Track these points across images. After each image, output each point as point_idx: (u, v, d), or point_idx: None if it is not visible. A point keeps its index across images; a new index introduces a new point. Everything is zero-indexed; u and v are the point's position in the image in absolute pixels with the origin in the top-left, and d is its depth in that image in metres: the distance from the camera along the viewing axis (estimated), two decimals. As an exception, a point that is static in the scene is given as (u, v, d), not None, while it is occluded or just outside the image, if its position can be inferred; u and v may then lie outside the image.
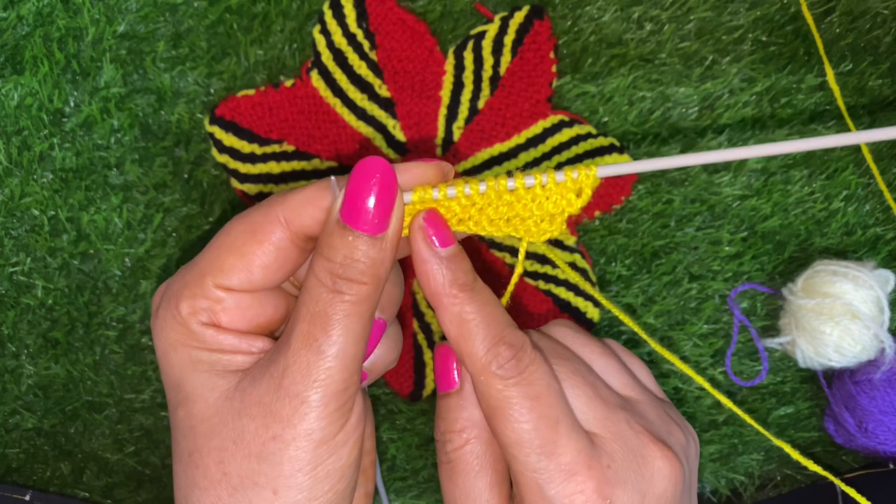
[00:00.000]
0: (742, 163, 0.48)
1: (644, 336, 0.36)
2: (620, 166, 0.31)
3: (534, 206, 0.31)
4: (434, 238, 0.31)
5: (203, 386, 0.31)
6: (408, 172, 0.31)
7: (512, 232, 0.32)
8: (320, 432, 0.29)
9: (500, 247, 0.48)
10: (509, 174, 0.31)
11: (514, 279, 0.34)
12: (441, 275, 0.31)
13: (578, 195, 0.31)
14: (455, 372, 0.33)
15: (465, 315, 0.31)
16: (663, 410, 0.35)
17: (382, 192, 0.29)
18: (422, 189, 0.31)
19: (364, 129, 0.48)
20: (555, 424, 0.30)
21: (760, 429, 0.37)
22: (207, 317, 0.31)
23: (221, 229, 0.32)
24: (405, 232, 0.32)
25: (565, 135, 0.47)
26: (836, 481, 0.37)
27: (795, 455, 0.35)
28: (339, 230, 0.29)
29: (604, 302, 0.36)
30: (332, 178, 0.31)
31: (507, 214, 0.32)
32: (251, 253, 0.31)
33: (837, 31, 0.48)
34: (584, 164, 0.31)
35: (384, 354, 0.35)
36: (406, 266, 0.48)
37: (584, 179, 0.31)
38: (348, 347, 0.29)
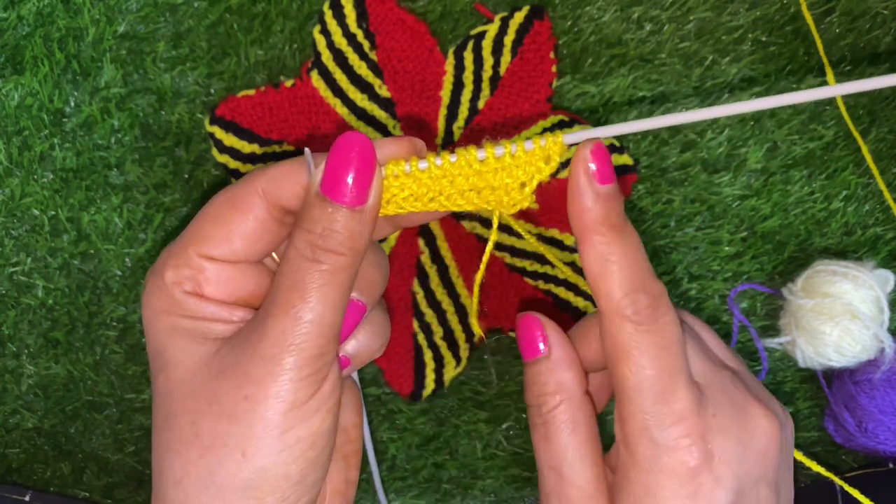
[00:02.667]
0: (742, 163, 0.48)
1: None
2: (586, 132, 0.33)
3: (504, 174, 0.32)
4: (596, 173, 0.31)
5: (182, 352, 0.31)
6: (382, 148, 0.32)
7: (483, 204, 0.33)
8: (292, 395, 0.29)
9: (501, 246, 0.48)
10: (479, 145, 0.32)
11: (489, 248, 0.35)
12: (595, 211, 0.31)
13: (547, 162, 0.32)
14: (541, 339, 0.35)
15: (610, 255, 0.31)
16: (761, 386, 0.36)
17: (361, 165, 0.30)
18: (394, 163, 0.31)
19: (364, 129, 0.48)
20: (676, 374, 0.31)
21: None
22: (191, 286, 0.32)
23: (206, 203, 0.33)
24: (392, 210, 0.32)
25: (565, 135, 0.48)
26: (837, 480, 0.37)
27: (798, 455, 0.35)
28: (318, 202, 0.30)
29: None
30: (307, 149, 0.31)
31: (478, 185, 0.32)
32: (231, 222, 0.32)
33: (837, 31, 0.48)
34: (553, 132, 0.33)
35: (368, 342, 0.36)
36: (404, 265, 0.48)
37: (551, 146, 0.32)
38: (325, 315, 0.30)
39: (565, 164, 0.48)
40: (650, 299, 0.32)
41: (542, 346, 0.35)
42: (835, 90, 0.32)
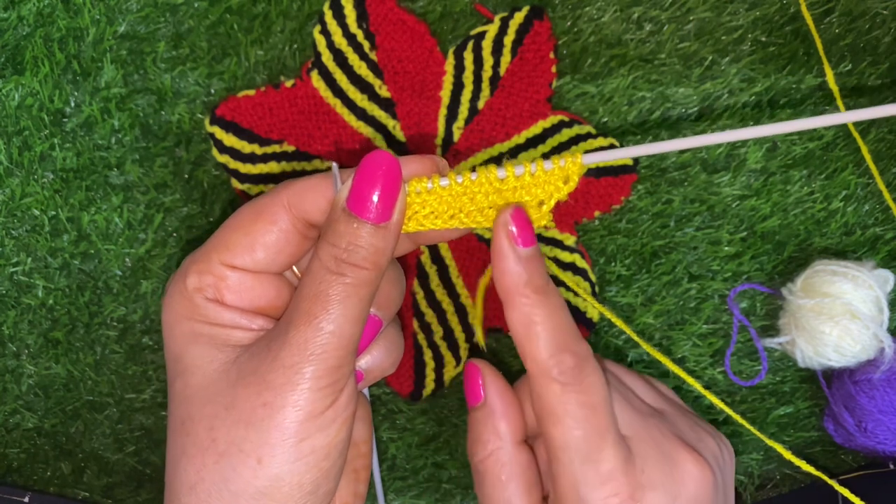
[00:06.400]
0: (742, 163, 0.48)
1: (636, 338, 0.37)
2: (604, 153, 0.33)
3: (523, 192, 0.32)
4: (517, 236, 0.32)
5: (202, 358, 0.32)
6: (406, 166, 0.32)
7: None
8: (310, 405, 0.30)
9: (500, 247, 0.48)
10: (499, 163, 0.32)
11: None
12: (517, 274, 0.32)
13: (566, 182, 0.32)
14: (481, 387, 0.35)
15: (534, 317, 0.32)
16: (693, 421, 0.36)
17: (388, 184, 0.31)
18: (416, 181, 0.32)
19: (364, 129, 0.48)
20: (604, 433, 0.32)
21: (754, 430, 0.37)
22: (213, 293, 0.33)
23: (233, 213, 0.34)
24: (413, 227, 0.33)
25: (565, 135, 0.48)
26: (830, 482, 0.37)
27: (788, 455, 0.36)
28: (344, 218, 0.31)
29: (598, 307, 0.37)
30: (334, 164, 0.32)
31: (497, 203, 0.33)
32: (255, 232, 0.32)
33: (837, 31, 0.48)
34: (570, 151, 0.32)
35: (381, 357, 0.36)
36: (404, 265, 0.48)
37: (570, 167, 0.32)
38: (345, 327, 0.30)
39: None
40: (576, 360, 0.32)
41: (482, 392, 0.35)
42: (846, 117, 0.32)
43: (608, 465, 0.32)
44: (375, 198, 0.31)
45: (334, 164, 0.32)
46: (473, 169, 0.32)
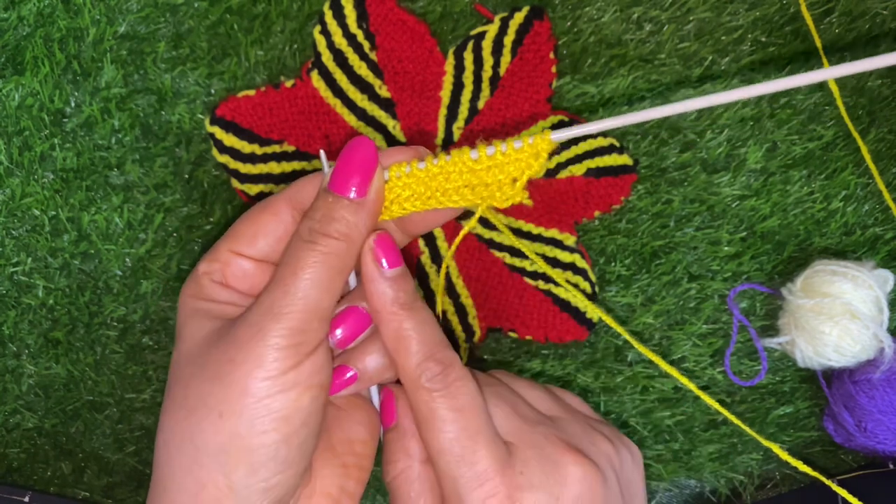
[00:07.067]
0: (741, 163, 0.48)
1: (632, 340, 0.37)
2: (573, 129, 0.34)
3: (497, 171, 0.34)
4: (382, 259, 0.34)
5: (194, 328, 0.34)
6: (390, 156, 0.35)
7: (478, 200, 0.35)
8: (271, 363, 0.31)
9: (500, 247, 0.48)
10: (474, 145, 0.34)
11: (463, 233, 0.38)
12: (385, 293, 0.34)
13: (536, 158, 0.34)
14: (394, 411, 0.36)
15: (403, 331, 0.34)
16: (590, 426, 0.37)
17: (363, 164, 0.34)
18: (397, 166, 0.34)
19: (364, 129, 0.48)
20: (475, 435, 0.33)
21: (750, 431, 0.37)
22: (219, 276, 0.35)
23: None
24: (397, 211, 0.35)
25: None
26: (828, 482, 0.37)
27: (784, 456, 0.36)
28: (323, 195, 0.34)
29: (596, 310, 0.37)
30: (321, 150, 0.35)
31: (472, 182, 0.35)
32: (258, 223, 0.35)
33: (837, 31, 0.48)
34: (539, 128, 0.34)
35: (378, 360, 0.36)
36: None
37: (539, 143, 0.34)
38: (311, 292, 0.32)
39: (568, 163, 0.48)
40: (441, 367, 0.34)
41: (394, 414, 0.36)
42: (830, 72, 0.32)
43: (482, 466, 0.32)
44: (352, 177, 0.33)
45: (321, 151, 0.35)
46: (448, 151, 0.34)
